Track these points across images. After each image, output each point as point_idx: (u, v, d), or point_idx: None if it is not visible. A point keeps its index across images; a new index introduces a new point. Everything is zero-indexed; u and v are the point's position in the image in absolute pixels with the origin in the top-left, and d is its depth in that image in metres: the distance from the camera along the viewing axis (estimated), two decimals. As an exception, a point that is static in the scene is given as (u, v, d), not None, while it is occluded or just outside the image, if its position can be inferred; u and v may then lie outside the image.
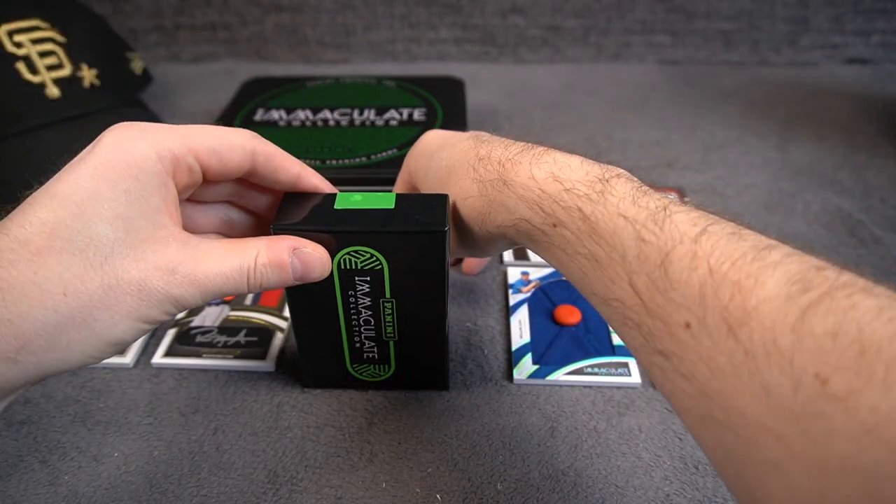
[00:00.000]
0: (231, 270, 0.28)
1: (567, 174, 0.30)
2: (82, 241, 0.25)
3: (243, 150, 0.30)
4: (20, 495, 0.34)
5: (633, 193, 0.27)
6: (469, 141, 0.36)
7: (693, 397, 0.22)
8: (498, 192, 0.32)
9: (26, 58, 0.55)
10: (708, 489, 0.34)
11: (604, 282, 0.27)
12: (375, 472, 0.36)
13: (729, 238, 0.23)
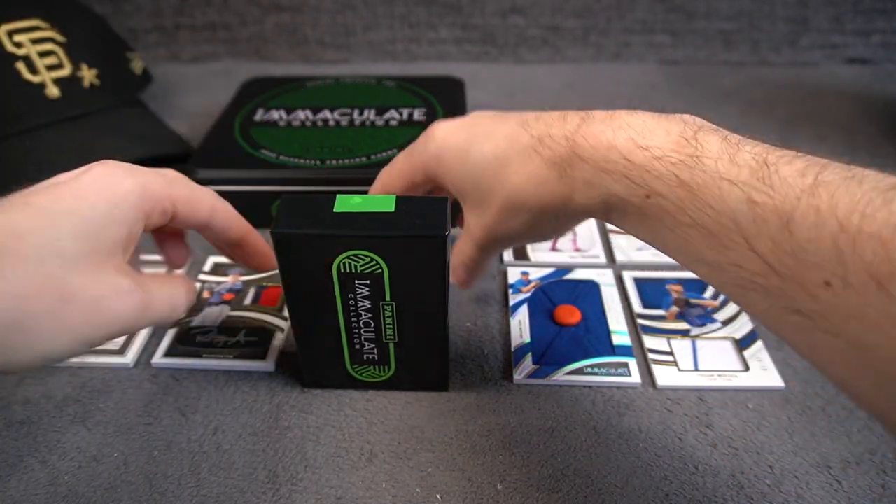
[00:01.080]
0: (170, 302, 0.33)
1: (650, 139, 0.28)
2: (46, 250, 0.26)
3: (210, 207, 0.34)
4: (20, 495, 0.34)
5: (727, 150, 0.26)
6: (513, 124, 0.34)
7: (844, 351, 0.22)
8: (578, 170, 0.30)
9: (26, 58, 0.55)
10: (708, 489, 0.34)
11: (716, 248, 0.25)
12: (375, 472, 0.36)
13: (847, 184, 0.22)
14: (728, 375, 0.41)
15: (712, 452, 0.36)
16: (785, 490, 0.34)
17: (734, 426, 0.38)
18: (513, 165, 0.32)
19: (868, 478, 0.35)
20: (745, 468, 0.36)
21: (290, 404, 0.39)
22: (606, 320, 0.45)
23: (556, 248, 0.52)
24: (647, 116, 0.29)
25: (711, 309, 0.46)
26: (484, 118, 0.36)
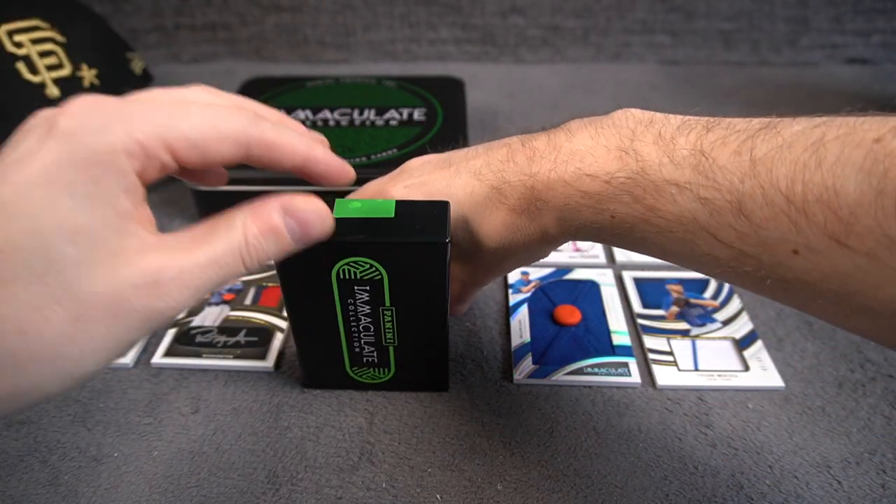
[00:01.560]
0: (222, 254, 0.23)
1: (593, 164, 0.29)
2: (39, 266, 0.20)
3: (234, 142, 0.24)
4: (20, 495, 0.34)
5: (665, 152, 0.27)
6: (465, 177, 0.34)
7: (832, 301, 0.23)
8: (544, 210, 0.31)
9: (26, 58, 0.55)
10: (707, 489, 0.34)
11: (688, 246, 0.26)
12: (375, 472, 0.36)
13: (780, 154, 0.23)
14: (728, 375, 0.41)
15: (712, 452, 0.36)
16: (785, 490, 0.34)
17: (734, 426, 0.38)
18: (483, 219, 0.33)
19: (868, 478, 0.35)
20: (744, 468, 0.36)
21: (290, 404, 0.39)
22: (606, 320, 0.45)
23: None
24: (587, 135, 0.30)
25: (711, 309, 0.46)
26: (433, 173, 0.35)
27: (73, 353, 0.21)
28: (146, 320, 0.22)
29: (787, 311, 0.46)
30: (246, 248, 0.24)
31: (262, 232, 0.25)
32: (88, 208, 0.21)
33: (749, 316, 0.45)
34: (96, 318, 0.21)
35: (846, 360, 0.42)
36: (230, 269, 0.24)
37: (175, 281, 0.22)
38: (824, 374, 0.41)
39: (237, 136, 0.25)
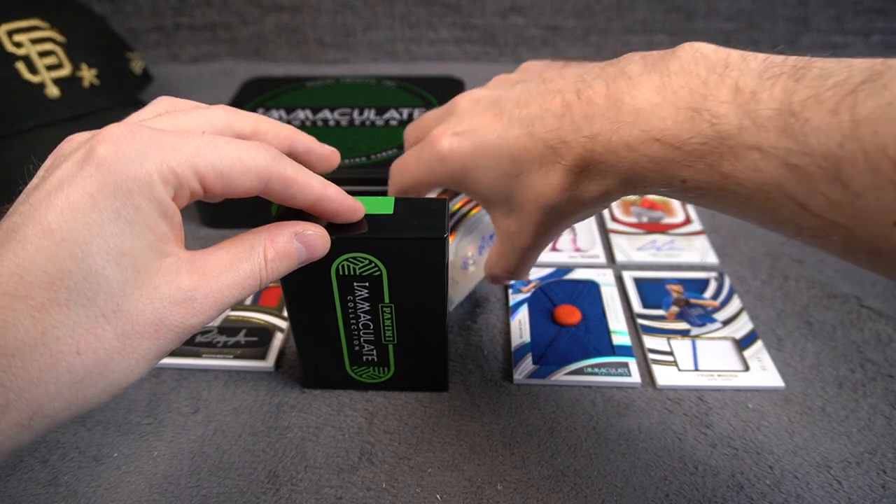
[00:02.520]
0: (244, 277, 0.26)
1: (661, 125, 0.25)
2: (90, 289, 0.22)
3: (257, 176, 0.26)
4: (20, 495, 0.34)
5: (745, 111, 0.23)
6: (517, 131, 0.31)
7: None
8: (606, 173, 0.28)
9: (26, 58, 0.55)
10: (707, 489, 0.34)
11: (768, 213, 0.24)
12: (375, 472, 0.36)
13: (887, 112, 0.20)
14: (728, 375, 0.41)
15: (712, 452, 0.36)
16: (785, 490, 0.34)
17: (734, 426, 0.38)
18: (538, 178, 0.31)
19: (868, 478, 0.35)
20: (744, 468, 0.36)
21: (290, 404, 0.39)
22: (606, 320, 0.45)
23: (556, 248, 0.52)
24: (651, 88, 0.26)
25: (711, 309, 0.46)
26: (483, 118, 0.33)
27: (122, 367, 0.23)
28: (181, 333, 0.24)
29: (788, 310, 0.46)
30: (265, 270, 0.27)
31: (278, 256, 0.28)
32: (131, 233, 0.23)
33: (749, 316, 0.45)
34: (141, 335, 0.23)
35: (846, 360, 0.42)
36: (251, 289, 0.27)
37: (207, 299, 0.25)
38: (824, 374, 0.41)
39: (260, 170, 0.27)
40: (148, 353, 0.24)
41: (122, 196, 0.23)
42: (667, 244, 0.52)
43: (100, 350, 0.22)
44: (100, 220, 0.22)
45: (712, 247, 0.52)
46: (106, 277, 0.22)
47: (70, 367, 0.22)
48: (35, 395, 0.21)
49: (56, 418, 0.22)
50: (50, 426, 0.22)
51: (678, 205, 0.57)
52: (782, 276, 0.49)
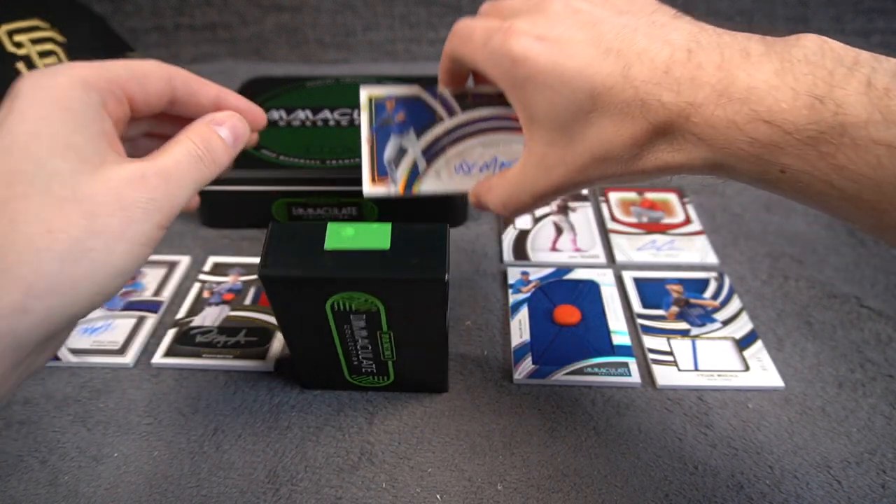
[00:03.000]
0: (185, 157, 0.28)
1: (775, 108, 0.23)
2: (43, 180, 0.24)
3: (159, 76, 0.30)
4: (20, 495, 0.34)
5: (875, 106, 0.22)
6: (611, 65, 0.27)
7: None
8: (694, 145, 0.26)
9: (26, 58, 0.55)
10: (707, 489, 0.34)
11: (871, 214, 0.23)
12: (375, 471, 0.36)
13: None
14: (728, 375, 0.41)
15: (712, 452, 0.36)
16: (785, 490, 0.34)
17: (734, 426, 0.38)
18: (611, 123, 0.27)
19: (868, 478, 0.35)
20: (744, 468, 0.36)
21: (290, 404, 0.39)
22: (606, 320, 0.45)
23: (556, 248, 0.52)
24: (770, 69, 0.24)
25: (711, 309, 0.46)
26: (576, 34, 0.28)
27: (99, 245, 0.24)
28: (148, 210, 0.26)
29: (788, 311, 0.46)
30: (199, 148, 0.29)
31: (203, 136, 0.30)
32: (69, 130, 0.25)
33: (749, 316, 0.45)
34: (107, 212, 0.25)
35: (846, 360, 0.42)
36: (196, 169, 0.29)
37: (157, 176, 0.27)
38: (824, 374, 0.41)
39: (162, 71, 0.30)
40: (121, 232, 0.25)
41: (50, 104, 0.25)
42: (667, 244, 0.52)
43: (71, 229, 0.24)
44: (36, 127, 0.25)
45: (712, 247, 0.52)
46: (55, 168, 0.24)
47: (46, 246, 0.23)
48: (21, 274, 0.23)
49: (50, 303, 0.24)
50: (49, 316, 0.24)
51: (678, 205, 0.57)
52: (782, 276, 0.49)
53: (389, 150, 0.37)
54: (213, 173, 0.30)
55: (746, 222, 0.55)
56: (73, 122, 0.26)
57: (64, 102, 0.26)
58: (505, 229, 0.54)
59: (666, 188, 0.59)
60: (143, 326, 0.45)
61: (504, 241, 0.53)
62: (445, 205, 0.53)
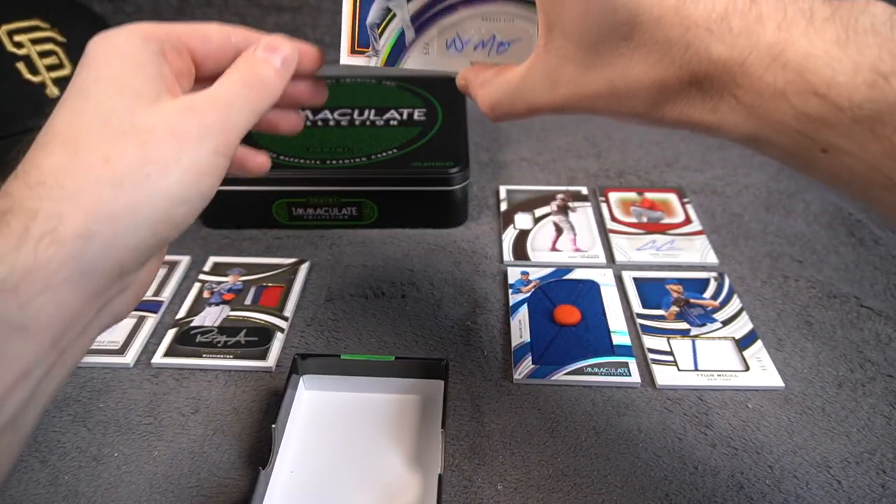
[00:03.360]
0: (241, 78, 0.29)
1: (831, 80, 0.21)
2: (101, 115, 0.25)
3: (218, 30, 0.31)
4: (20, 495, 0.34)
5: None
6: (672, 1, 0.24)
7: None
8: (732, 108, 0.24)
9: (26, 58, 0.55)
10: (707, 489, 0.34)
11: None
12: (375, 471, 0.36)
13: None
14: (728, 375, 0.41)
15: (712, 452, 0.36)
16: (785, 490, 0.34)
17: (734, 426, 0.38)
18: (643, 59, 0.25)
19: (868, 478, 0.35)
20: (744, 468, 0.36)
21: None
22: (606, 320, 0.45)
23: (556, 248, 0.52)
24: (831, 37, 0.22)
25: (711, 309, 0.46)
26: None
27: (155, 171, 0.25)
28: (201, 138, 0.26)
29: (788, 310, 0.46)
30: (246, 76, 0.29)
31: (267, 49, 0.30)
32: (126, 72, 0.27)
33: (749, 316, 0.45)
34: (160, 140, 0.25)
35: (846, 360, 0.42)
36: (247, 93, 0.29)
37: (207, 102, 0.27)
38: (824, 374, 0.41)
39: (221, 27, 0.31)
40: (177, 157, 0.25)
41: (109, 54, 0.27)
42: (667, 244, 0.52)
43: (127, 157, 0.24)
44: (98, 73, 0.27)
45: (712, 247, 0.52)
46: (114, 105, 0.26)
47: (105, 174, 0.24)
48: (80, 200, 0.23)
49: (112, 230, 0.24)
50: (111, 240, 0.24)
51: (678, 205, 0.57)
52: (782, 276, 0.49)
53: (374, 11, 0.33)
54: (267, 97, 0.30)
55: (746, 222, 0.55)
56: (131, 65, 0.27)
57: (122, 49, 0.27)
58: (505, 229, 0.54)
59: (666, 188, 0.59)
60: (143, 326, 0.45)
61: (504, 241, 0.53)
62: (446, 205, 0.54)
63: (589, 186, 0.60)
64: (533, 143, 0.67)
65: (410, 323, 0.45)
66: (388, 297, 0.48)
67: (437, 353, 0.43)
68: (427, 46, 0.34)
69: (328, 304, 0.47)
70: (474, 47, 0.33)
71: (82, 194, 0.24)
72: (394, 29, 0.33)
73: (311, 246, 0.53)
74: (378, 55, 0.34)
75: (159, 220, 0.25)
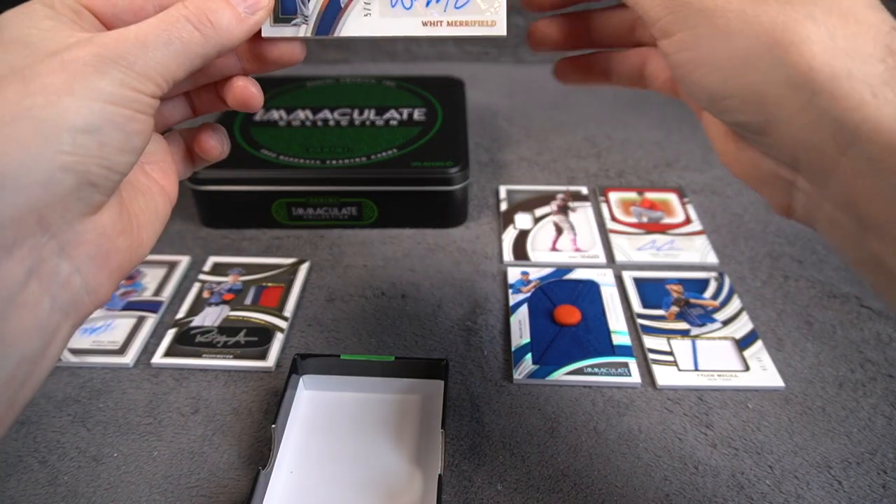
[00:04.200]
0: (164, 18, 0.25)
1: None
2: (17, 55, 0.23)
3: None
4: (20, 495, 0.34)
5: None
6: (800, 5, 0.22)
7: None
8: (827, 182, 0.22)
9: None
10: (708, 489, 0.34)
11: None
12: (375, 472, 0.36)
13: None
14: (728, 375, 0.41)
15: (712, 452, 0.36)
16: (785, 490, 0.34)
17: (734, 426, 0.38)
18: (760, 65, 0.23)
19: (869, 478, 0.35)
20: (745, 468, 0.36)
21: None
22: (606, 320, 0.45)
23: (556, 248, 0.52)
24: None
25: (711, 309, 0.46)
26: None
27: (39, 101, 0.22)
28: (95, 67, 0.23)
29: (788, 311, 0.46)
30: (189, 12, 0.25)
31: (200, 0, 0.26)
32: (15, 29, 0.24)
33: (749, 316, 0.45)
34: (46, 72, 0.23)
35: (846, 360, 0.42)
36: (182, 30, 0.25)
37: (110, 37, 0.24)
38: (824, 374, 0.41)
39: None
40: (68, 86, 0.23)
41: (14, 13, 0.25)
42: (667, 244, 0.52)
43: (6, 97, 0.22)
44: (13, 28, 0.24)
45: (712, 247, 0.52)
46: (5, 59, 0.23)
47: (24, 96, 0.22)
48: None
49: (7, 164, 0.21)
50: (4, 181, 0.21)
51: (678, 205, 0.57)
52: (782, 276, 0.49)
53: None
54: (211, 40, 0.26)
55: (746, 222, 0.55)
56: (23, 23, 0.24)
57: (5, 20, 0.25)
58: (505, 229, 0.54)
59: (666, 188, 0.59)
60: (142, 326, 0.45)
61: (504, 241, 0.53)
62: (445, 205, 0.54)
63: (589, 186, 0.60)
64: (533, 143, 0.67)
65: (410, 323, 0.45)
66: (388, 297, 0.48)
67: (437, 353, 0.43)
68: (367, 6, 0.28)
69: (328, 304, 0.47)
70: (426, 3, 0.28)
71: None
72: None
73: (311, 246, 0.53)
74: (308, 22, 0.28)
75: (63, 152, 0.22)
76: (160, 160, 0.30)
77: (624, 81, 0.35)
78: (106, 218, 0.25)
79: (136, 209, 0.27)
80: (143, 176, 0.29)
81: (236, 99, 0.29)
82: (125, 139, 0.24)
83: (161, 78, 0.25)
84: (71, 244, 0.24)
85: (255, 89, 0.29)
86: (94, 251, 0.25)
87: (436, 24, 0.28)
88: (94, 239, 0.24)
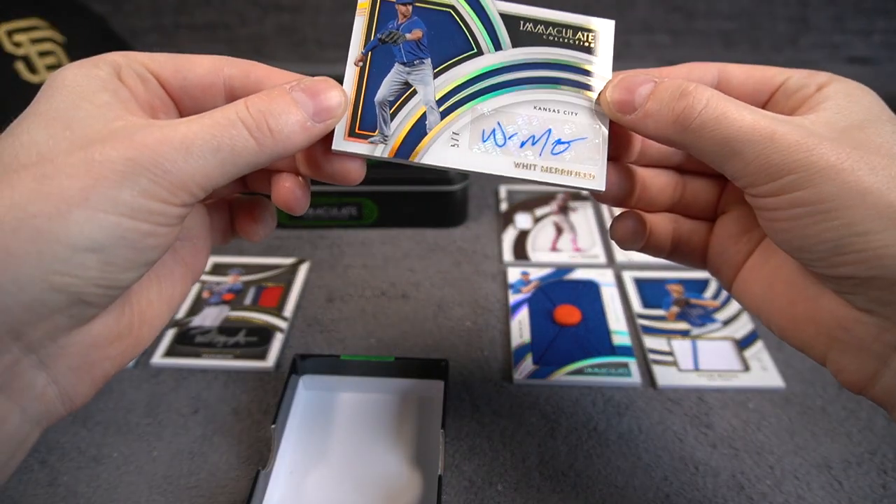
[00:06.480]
0: (217, 119, 0.22)
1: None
2: (11, 155, 0.21)
3: (208, 62, 0.25)
4: (20, 495, 0.34)
5: None
6: None
7: None
8: None
9: (25, 57, 0.55)
10: (708, 489, 0.34)
11: None
12: (375, 472, 0.36)
13: None
14: (728, 375, 0.41)
15: (712, 452, 0.36)
16: (785, 490, 0.34)
17: (734, 426, 0.38)
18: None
19: (869, 478, 0.35)
20: (745, 468, 0.36)
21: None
22: (606, 320, 0.45)
23: (556, 248, 0.52)
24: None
25: (712, 309, 0.46)
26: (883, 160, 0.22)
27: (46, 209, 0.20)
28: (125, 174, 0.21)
29: (788, 311, 0.46)
30: (246, 115, 0.23)
31: (263, 100, 0.23)
32: (61, 105, 0.22)
33: (749, 316, 0.45)
34: (66, 173, 0.20)
35: (847, 360, 0.42)
36: (221, 136, 0.22)
37: (154, 133, 0.21)
38: (825, 375, 0.41)
39: (207, 59, 0.26)
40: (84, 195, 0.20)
41: (52, 90, 0.23)
42: (667, 244, 0.52)
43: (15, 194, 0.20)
44: (29, 110, 0.22)
45: (712, 247, 0.52)
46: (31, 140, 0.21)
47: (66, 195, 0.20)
48: None
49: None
50: None
51: (678, 205, 0.57)
52: (783, 276, 0.49)
53: (387, 85, 0.26)
54: (266, 149, 0.23)
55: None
56: (72, 97, 0.22)
57: (64, 82, 0.22)
58: (505, 229, 0.54)
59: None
60: (142, 326, 0.44)
61: (504, 241, 0.53)
62: (446, 205, 0.53)
63: (589, 186, 0.60)
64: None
65: (410, 323, 0.45)
66: (388, 297, 0.47)
67: (437, 354, 0.43)
68: (457, 137, 0.26)
69: (328, 304, 0.47)
70: (521, 143, 0.26)
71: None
72: (412, 110, 0.26)
73: (311, 246, 0.53)
74: (387, 142, 0.25)
75: (54, 271, 0.20)
76: (196, 237, 0.27)
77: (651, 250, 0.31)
78: (98, 327, 0.22)
79: (143, 304, 0.24)
80: (169, 257, 0.25)
81: (279, 199, 0.26)
82: (135, 256, 0.21)
83: (198, 187, 0.22)
84: (51, 357, 0.21)
85: (301, 193, 0.26)
86: (78, 362, 0.22)
87: (529, 168, 0.26)
88: (80, 351, 0.22)
